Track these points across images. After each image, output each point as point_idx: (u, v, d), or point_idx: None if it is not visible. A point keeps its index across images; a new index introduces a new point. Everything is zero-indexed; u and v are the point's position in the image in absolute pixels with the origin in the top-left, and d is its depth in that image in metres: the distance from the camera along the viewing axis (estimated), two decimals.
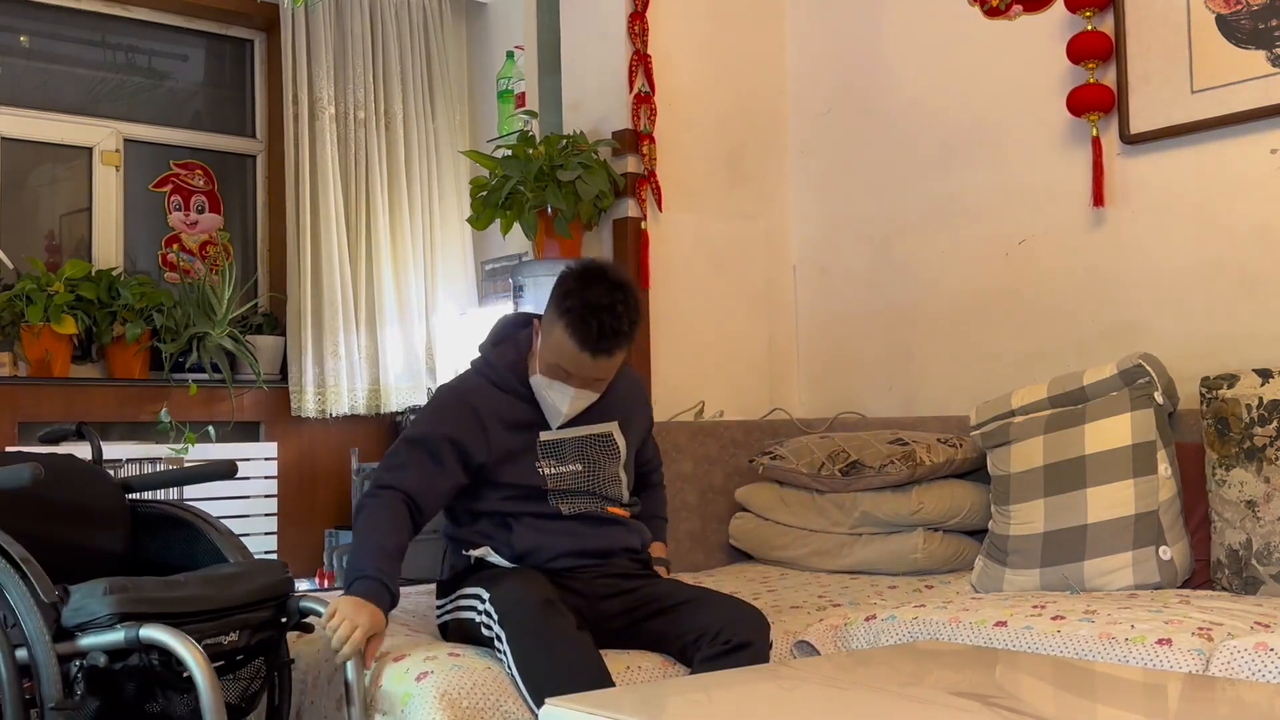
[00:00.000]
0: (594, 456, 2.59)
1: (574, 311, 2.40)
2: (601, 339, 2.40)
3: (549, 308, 2.46)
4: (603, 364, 2.45)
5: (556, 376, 2.49)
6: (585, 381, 2.49)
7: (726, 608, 2.45)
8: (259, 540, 4.48)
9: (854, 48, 4.07)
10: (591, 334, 2.39)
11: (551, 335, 2.45)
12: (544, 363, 2.50)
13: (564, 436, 2.56)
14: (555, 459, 2.55)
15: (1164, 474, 2.79)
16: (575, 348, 2.41)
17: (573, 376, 2.47)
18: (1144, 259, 3.32)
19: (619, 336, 2.43)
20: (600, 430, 2.60)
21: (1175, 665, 2.16)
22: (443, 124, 4.98)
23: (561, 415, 2.52)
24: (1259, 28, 3.07)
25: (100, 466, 2.55)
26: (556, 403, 2.50)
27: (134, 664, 1.99)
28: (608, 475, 2.60)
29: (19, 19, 4.51)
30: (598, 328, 2.39)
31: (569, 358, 2.44)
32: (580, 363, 2.44)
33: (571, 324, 2.40)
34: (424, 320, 4.87)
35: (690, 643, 2.39)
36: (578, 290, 2.41)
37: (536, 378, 2.52)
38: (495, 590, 2.36)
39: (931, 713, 1.77)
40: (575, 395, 2.50)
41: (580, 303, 2.39)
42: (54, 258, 4.48)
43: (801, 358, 4.21)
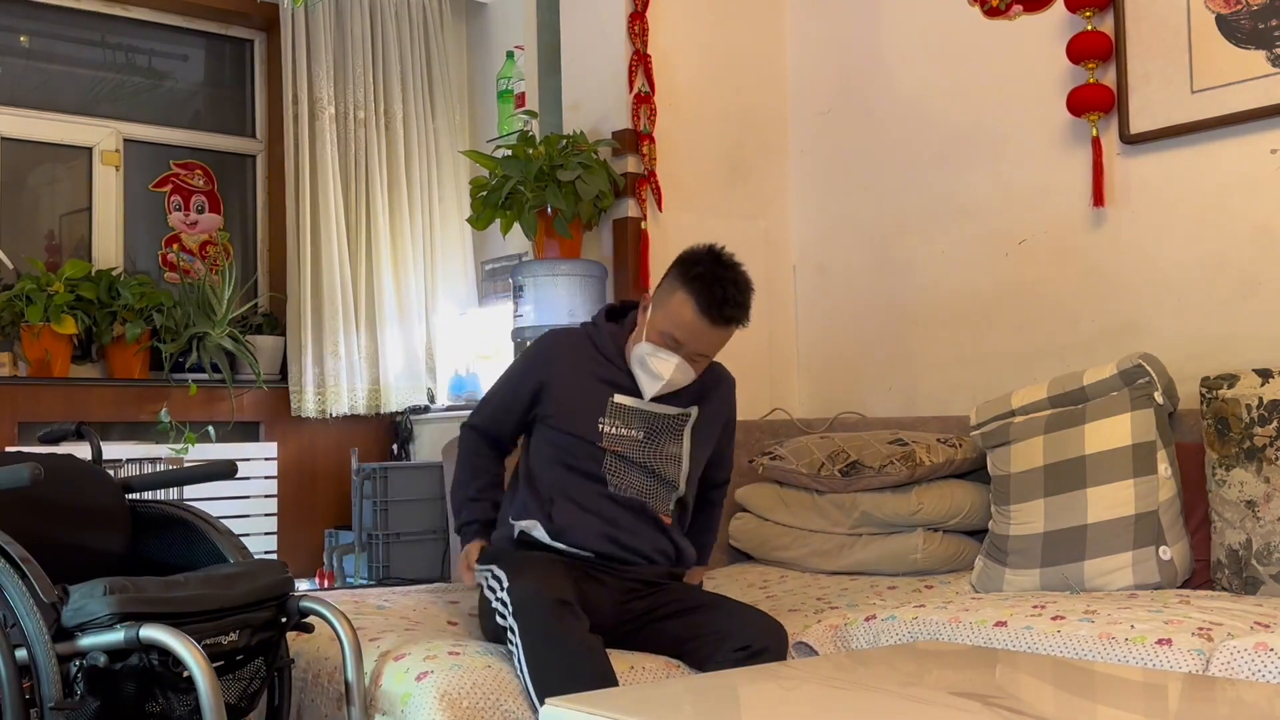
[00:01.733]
0: (659, 431, 2.60)
1: (702, 278, 2.47)
2: (725, 305, 2.47)
3: (670, 278, 2.54)
4: (719, 334, 2.51)
5: (665, 345, 2.52)
6: (692, 355, 2.52)
7: (744, 615, 2.46)
8: (259, 540, 4.48)
9: (854, 48, 4.07)
10: (715, 299, 2.46)
11: (669, 302, 2.51)
12: (655, 331, 2.52)
13: (638, 406, 2.58)
14: (621, 421, 2.57)
15: (1164, 474, 2.79)
16: (696, 312, 2.47)
17: (682, 346, 2.51)
18: (1144, 259, 3.32)
19: (740, 308, 2.50)
20: (680, 411, 2.62)
21: (1175, 665, 2.16)
22: (443, 124, 4.98)
23: (661, 383, 2.54)
24: (1259, 28, 3.07)
25: (100, 466, 2.55)
26: (659, 370, 2.52)
27: (134, 664, 1.99)
28: (668, 454, 2.60)
29: (19, 19, 4.52)
30: (722, 294, 2.46)
31: (686, 324, 2.49)
32: (697, 330, 2.49)
33: (698, 290, 2.46)
34: (424, 320, 4.87)
35: (706, 646, 2.39)
36: (706, 261, 2.50)
37: (642, 345, 2.54)
38: (514, 581, 2.36)
39: (931, 713, 1.77)
40: (679, 365, 2.52)
41: (708, 270, 2.48)
42: (54, 258, 4.49)
43: (801, 358, 4.21)
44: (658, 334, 2.52)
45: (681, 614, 2.48)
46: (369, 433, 4.82)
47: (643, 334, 2.56)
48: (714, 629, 2.41)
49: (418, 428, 4.89)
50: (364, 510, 4.32)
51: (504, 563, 2.46)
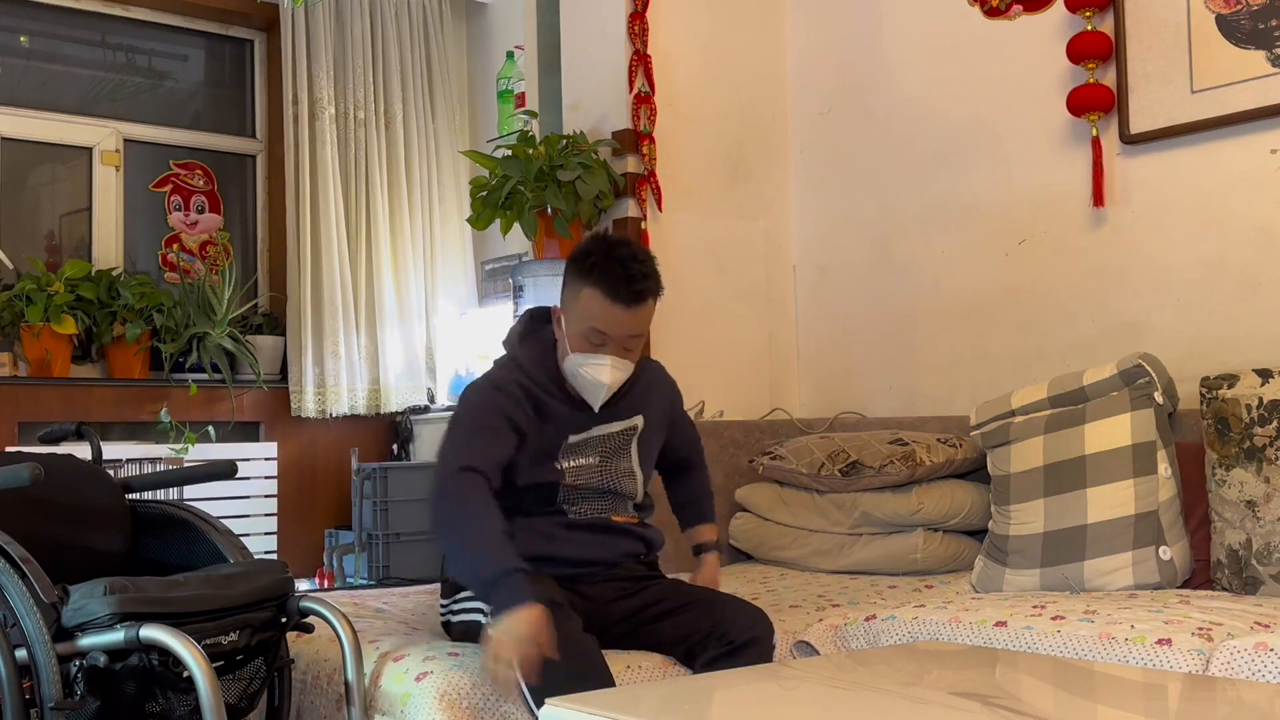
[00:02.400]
0: (612, 451, 2.55)
1: (599, 266, 2.37)
2: (631, 282, 2.37)
3: (569, 280, 2.43)
4: (638, 315, 2.41)
5: (590, 347, 2.42)
6: (619, 346, 2.42)
7: (730, 607, 2.45)
8: (259, 540, 4.48)
9: (854, 48, 4.07)
10: (620, 280, 2.36)
11: (578, 302, 2.41)
12: (574, 336, 2.43)
13: (586, 438, 2.50)
14: (577, 453, 2.50)
15: (1164, 474, 2.79)
16: (606, 300, 2.37)
17: (608, 340, 2.41)
18: (1144, 259, 3.32)
19: (648, 279, 2.40)
20: (626, 425, 2.56)
21: (1175, 665, 2.16)
22: (443, 124, 4.98)
23: (604, 388, 2.45)
24: (1259, 28, 3.07)
25: (100, 466, 2.55)
26: (596, 376, 2.43)
27: (134, 664, 1.99)
28: (620, 470, 2.55)
29: (19, 19, 4.51)
30: (625, 273, 2.36)
31: (600, 315, 2.39)
32: (614, 317, 2.38)
33: (598, 278, 2.37)
34: (424, 320, 4.87)
35: (696, 644, 2.39)
36: (595, 249, 2.41)
37: (569, 358, 2.44)
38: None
39: (931, 713, 1.77)
40: (613, 365, 2.43)
41: (602, 257, 2.38)
42: (54, 258, 4.49)
43: (801, 358, 4.21)
44: (579, 338, 2.42)
45: (667, 615, 2.47)
46: (369, 433, 4.82)
47: (566, 348, 2.45)
48: (702, 626, 2.40)
49: (418, 428, 4.89)
50: (364, 510, 4.32)
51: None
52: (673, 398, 2.75)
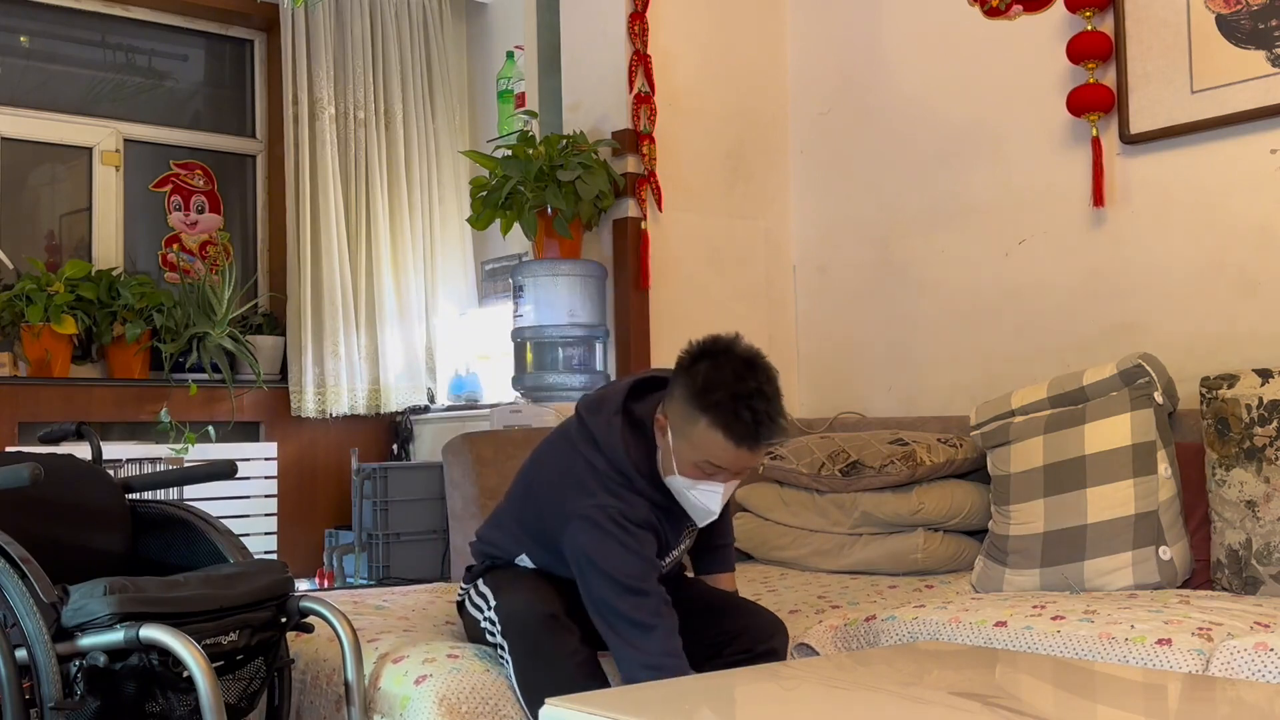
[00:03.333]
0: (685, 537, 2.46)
1: (722, 406, 2.15)
2: (761, 428, 2.16)
3: (684, 401, 2.20)
4: (760, 454, 2.24)
5: (703, 476, 2.24)
6: (732, 475, 2.26)
7: (747, 614, 2.44)
8: (259, 540, 4.48)
9: (854, 48, 4.07)
10: (748, 428, 2.15)
11: (693, 433, 2.19)
12: (686, 464, 2.23)
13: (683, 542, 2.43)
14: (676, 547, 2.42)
15: (1164, 474, 2.79)
16: (729, 444, 2.17)
17: (722, 470, 2.23)
18: (1144, 259, 3.32)
19: (776, 422, 2.18)
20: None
21: (1175, 665, 2.16)
22: (443, 124, 4.98)
23: (713, 516, 2.31)
24: (1259, 28, 3.07)
25: (100, 466, 2.55)
26: (707, 504, 2.27)
27: (134, 664, 1.99)
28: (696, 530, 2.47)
29: (19, 19, 4.51)
30: (753, 418, 2.14)
31: (720, 454, 2.19)
32: (736, 458, 2.20)
33: (722, 419, 2.15)
34: (424, 320, 4.87)
35: (711, 649, 2.37)
36: (719, 383, 2.17)
37: (676, 479, 2.26)
38: (502, 598, 2.32)
39: (931, 713, 1.77)
40: (726, 489, 2.27)
41: (727, 396, 2.15)
42: (54, 258, 4.49)
43: (801, 358, 4.21)
44: (691, 466, 2.23)
45: (689, 617, 2.42)
46: (369, 433, 4.82)
47: (672, 464, 2.26)
48: (719, 632, 2.39)
49: (418, 428, 4.89)
50: (364, 510, 4.32)
51: (489, 580, 2.41)
52: None
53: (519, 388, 3.93)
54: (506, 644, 2.25)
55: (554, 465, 2.39)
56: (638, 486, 2.28)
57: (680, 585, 2.56)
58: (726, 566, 2.70)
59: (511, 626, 2.25)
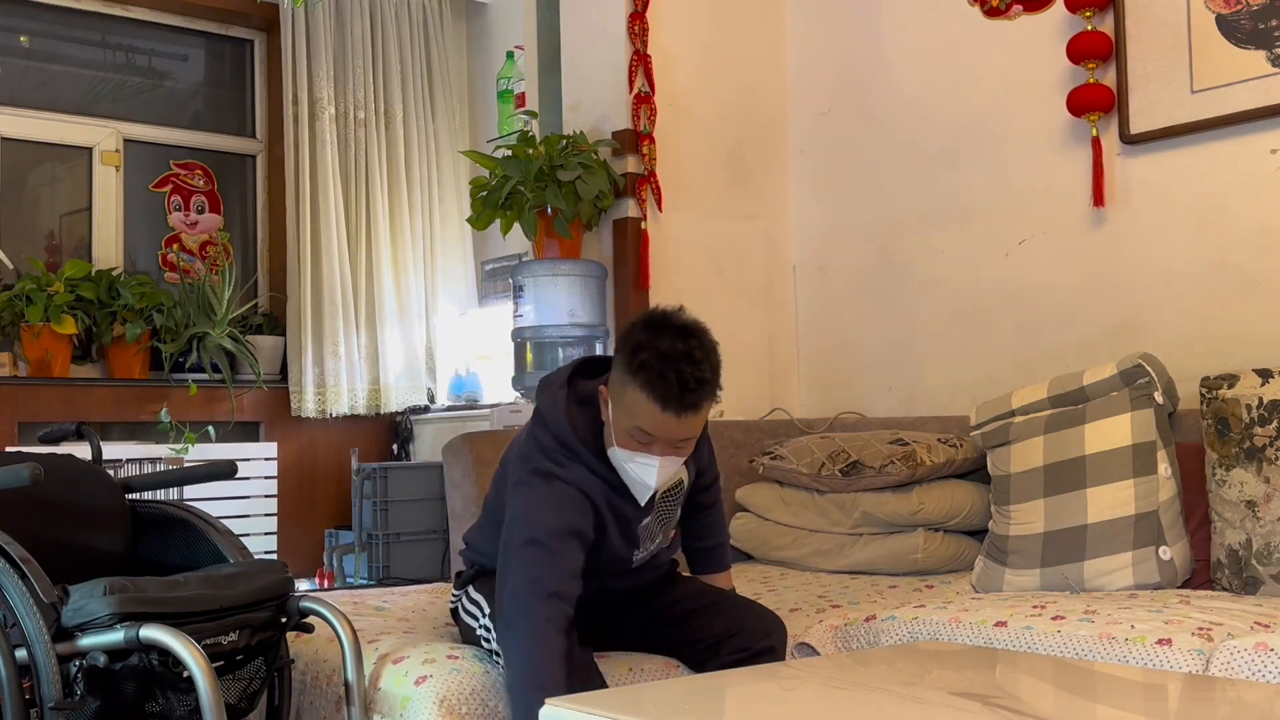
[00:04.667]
0: (669, 512, 2.44)
1: (648, 366, 2.14)
2: (684, 391, 2.14)
3: (617, 367, 2.21)
4: (688, 421, 2.18)
5: (637, 446, 2.22)
6: (668, 446, 2.22)
7: (745, 613, 2.43)
8: (259, 540, 4.48)
9: (854, 48, 4.07)
10: (672, 389, 2.13)
11: (624, 398, 2.19)
12: (622, 433, 2.22)
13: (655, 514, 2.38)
14: (649, 539, 2.39)
15: (1164, 474, 2.79)
16: (656, 407, 2.15)
17: (655, 442, 2.21)
18: (1144, 259, 3.32)
19: (703, 386, 2.16)
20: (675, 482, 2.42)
21: (1175, 665, 2.16)
22: (443, 124, 4.98)
23: (650, 491, 2.28)
24: (1259, 28, 3.07)
25: (100, 467, 2.55)
26: (643, 477, 2.25)
27: (134, 664, 1.99)
28: (673, 522, 2.47)
29: (19, 19, 4.51)
30: (678, 381, 2.13)
31: (649, 419, 2.17)
32: (663, 424, 2.17)
33: (647, 381, 2.14)
34: (424, 320, 4.87)
35: (709, 649, 2.37)
36: (648, 343, 2.16)
37: (615, 451, 2.25)
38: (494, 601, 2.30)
39: (931, 713, 1.77)
40: (663, 465, 2.23)
41: (653, 355, 2.14)
42: (54, 258, 4.49)
43: (801, 358, 4.21)
44: (626, 435, 2.22)
45: (677, 620, 2.44)
46: (369, 433, 4.82)
47: (612, 436, 2.25)
48: (717, 631, 2.38)
49: (418, 428, 4.89)
50: (364, 510, 4.32)
51: (480, 587, 2.39)
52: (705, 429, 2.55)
53: (519, 388, 3.93)
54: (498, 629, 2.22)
55: (513, 454, 2.39)
56: (583, 459, 2.27)
57: (675, 585, 2.56)
58: (722, 566, 2.70)
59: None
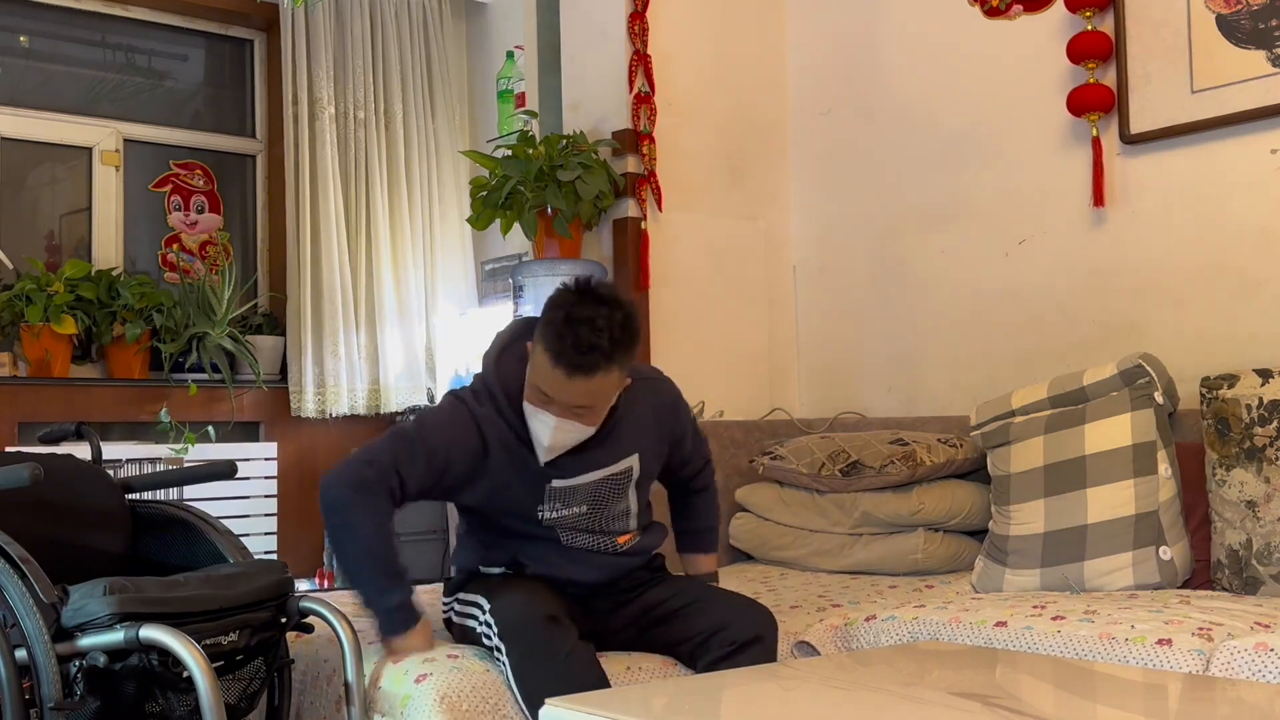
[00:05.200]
0: (605, 497, 2.42)
1: (553, 324, 2.18)
2: (576, 353, 2.15)
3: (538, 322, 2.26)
4: (580, 386, 2.19)
5: (538, 402, 2.25)
6: (566, 410, 2.23)
7: (731, 606, 2.43)
8: (259, 540, 4.47)
9: (854, 48, 4.07)
10: (566, 347, 2.16)
11: (534, 354, 2.25)
12: (529, 385, 2.27)
13: (575, 484, 2.37)
14: (561, 503, 2.38)
15: (1164, 474, 2.79)
16: (549, 363, 2.18)
17: (552, 402, 2.23)
18: (1144, 259, 3.32)
19: (595, 352, 2.16)
20: (619, 469, 2.41)
21: (1175, 665, 2.16)
22: (443, 124, 4.98)
23: (544, 450, 2.29)
24: (1259, 28, 3.07)
25: (100, 467, 2.55)
26: (539, 433, 2.28)
27: (133, 664, 1.99)
28: (615, 513, 2.45)
29: (19, 19, 4.51)
30: (573, 341, 2.15)
31: (545, 377, 2.21)
32: (556, 383, 2.20)
33: (548, 337, 2.18)
34: (424, 320, 4.87)
35: (698, 644, 2.37)
36: (564, 303, 2.21)
37: (525, 405, 2.30)
38: (496, 602, 2.31)
39: (931, 713, 1.77)
40: (557, 427, 2.24)
41: (562, 314, 2.18)
42: (54, 258, 4.48)
43: (801, 358, 4.21)
44: (532, 389, 2.25)
45: (667, 618, 2.43)
46: (369, 433, 4.81)
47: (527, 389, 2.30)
48: (705, 627, 2.38)
49: None
50: None
51: (478, 587, 2.39)
52: (675, 417, 2.58)
53: None
54: (505, 645, 2.24)
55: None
56: (498, 403, 2.33)
57: (660, 584, 2.54)
58: (707, 548, 2.72)
59: (510, 629, 2.24)
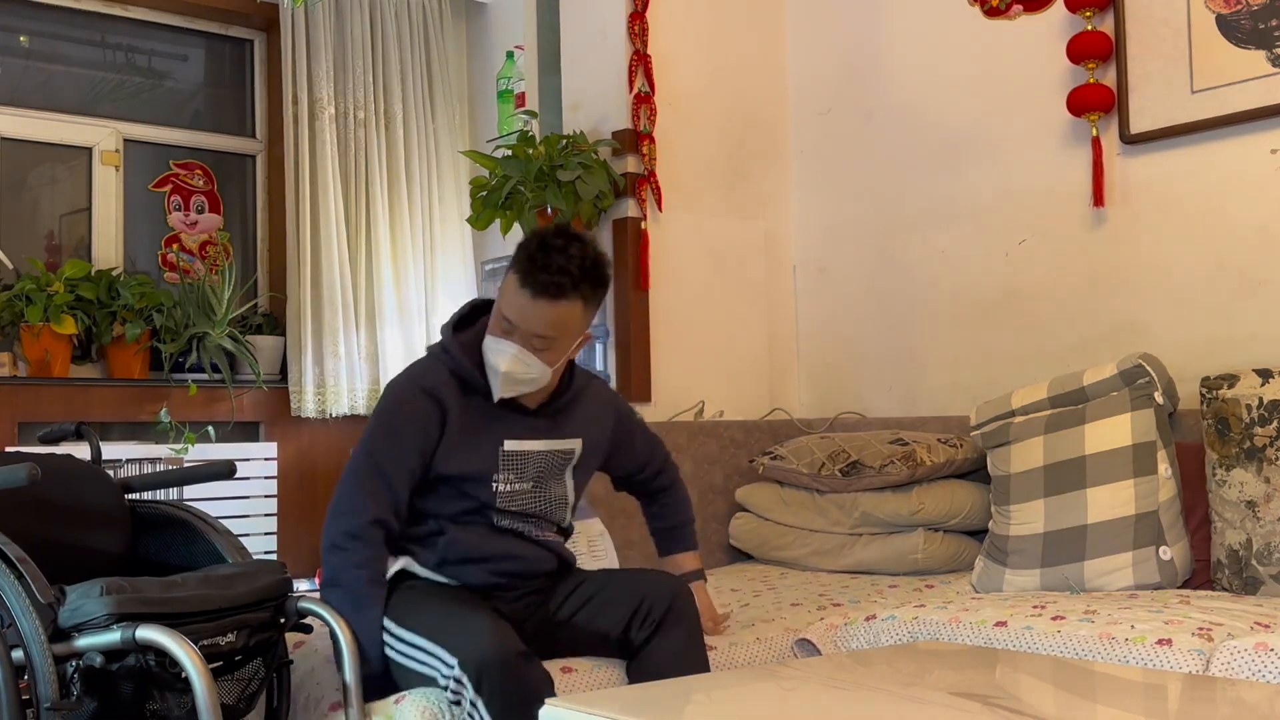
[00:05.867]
0: (547, 474, 2.43)
1: (526, 248, 2.28)
2: (545, 273, 2.23)
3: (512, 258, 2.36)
4: (544, 310, 2.26)
5: (500, 332, 2.31)
6: (527, 337, 2.28)
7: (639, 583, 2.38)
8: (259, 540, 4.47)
9: (854, 48, 4.07)
10: (535, 269, 2.24)
11: (505, 282, 2.32)
12: (495, 321, 2.34)
13: (529, 449, 2.39)
14: (515, 473, 2.39)
15: (1164, 474, 2.79)
16: (517, 286, 2.27)
17: (515, 331, 2.29)
18: (1144, 259, 3.32)
19: (564, 275, 2.24)
20: (564, 446, 2.45)
21: (1175, 665, 2.16)
22: (443, 124, 4.97)
23: (499, 376, 2.31)
24: (1259, 28, 3.06)
25: (99, 467, 2.54)
26: (495, 361, 2.31)
27: (130, 664, 1.99)
28: (554, 497, 2.45)
29: (19, 19, 4.51)
30: (543, 263, 2.24)
31: (511, 301, 2.28)
32: (521, 306, 2.27)
33: (520, 262, 2.27)
34: (424, 320, 4.86)
35: (625, 642, 2.33)
36: (540, 233, 2.32)
37: (485, 340, 2.35)
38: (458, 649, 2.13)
39: (931, 713, 1.76)
40: (516, 355, 2.29)
41: (535, 243, 2.28)
42: (54, 258, 4.48)
43: (801, 358, 4.21)
44: (496, 320, 2.32)
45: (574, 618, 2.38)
46: None
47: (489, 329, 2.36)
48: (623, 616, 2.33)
49: None
50: None
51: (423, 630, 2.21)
52: (619, 416, 2.62)
53: None
54: (483, 700, 2.08)
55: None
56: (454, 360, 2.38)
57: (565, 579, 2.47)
58: (687, 545, 2.69)
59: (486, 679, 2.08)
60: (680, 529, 2.72)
